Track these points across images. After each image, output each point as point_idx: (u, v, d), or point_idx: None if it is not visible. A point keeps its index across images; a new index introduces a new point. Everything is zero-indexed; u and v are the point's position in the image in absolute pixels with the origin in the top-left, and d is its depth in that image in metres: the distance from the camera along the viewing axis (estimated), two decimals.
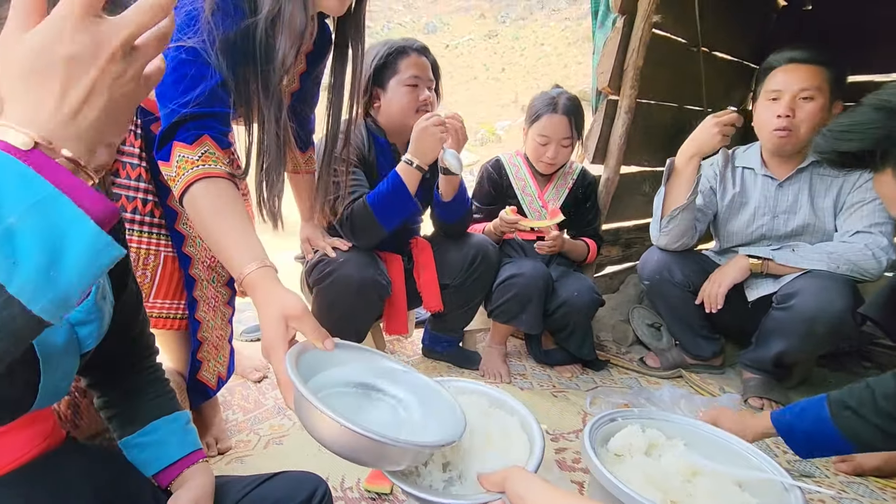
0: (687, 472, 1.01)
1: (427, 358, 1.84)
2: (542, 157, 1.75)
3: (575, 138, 1.76)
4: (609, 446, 1.08)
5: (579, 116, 1.77)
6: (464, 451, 0.70)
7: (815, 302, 1.42)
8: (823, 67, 1.52)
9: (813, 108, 1.52)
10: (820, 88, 1.51)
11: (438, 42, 20.96)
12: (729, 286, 1.59)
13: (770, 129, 1.57)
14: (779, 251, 1.58)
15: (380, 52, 1.48)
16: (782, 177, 1.65)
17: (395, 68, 1.47)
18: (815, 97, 1.51)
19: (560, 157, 1.75)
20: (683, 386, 1.76)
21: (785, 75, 1.54)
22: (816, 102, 1.51)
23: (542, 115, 1.72)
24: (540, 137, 1.73)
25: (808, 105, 1.52)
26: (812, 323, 1.43)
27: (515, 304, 1.64)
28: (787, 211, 1.65)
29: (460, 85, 17.08)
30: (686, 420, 1.15)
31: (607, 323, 2.21)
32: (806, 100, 1.52)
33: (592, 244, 1.88)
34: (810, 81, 1.51)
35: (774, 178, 1.66)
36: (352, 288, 1.33)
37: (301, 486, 0.80)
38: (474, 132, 13.35)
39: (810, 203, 1.62)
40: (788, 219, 1.65)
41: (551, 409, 1.54)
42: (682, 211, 1.60)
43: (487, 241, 1.65)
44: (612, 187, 2.17)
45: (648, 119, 2.21)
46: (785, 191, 1.65)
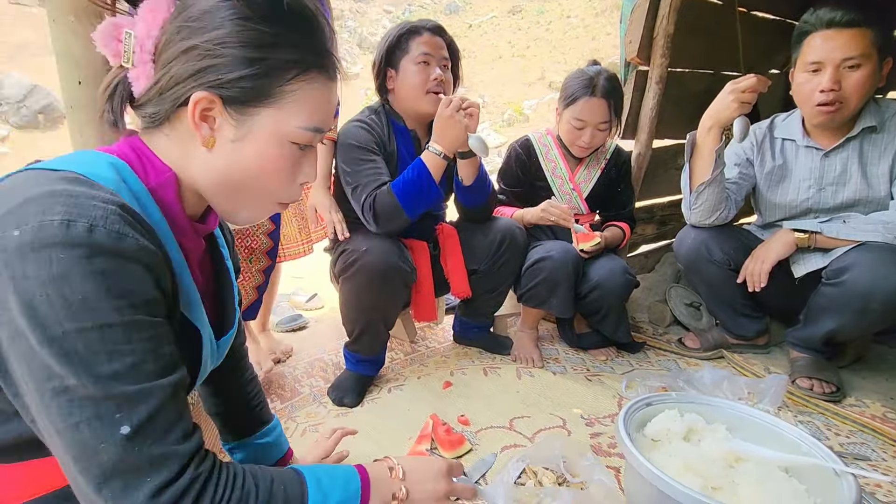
0: (729, 458, 0.98)
1: (458, 344, 1.84)
2: (577, 141, 1.68)
3: (613, 121, 1.68)
4: (646, 431, 1.05)
5: (618, 98, 1.67)
6: None
7: (869, 276, 1.32)
8: (867, 29, 1.36)
9: (861, 77, 1.38)
10: (866, 54, 1.36)
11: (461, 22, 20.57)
12: (773, 263, 1.50)
13: (813, 104, 1.45)
14: (828, 223, 1.48)
15: (392, 33, 1.46)
16: (828, 146, 1.52)
17: (406, 48, 1.44)
18: (863, 64, 1.37)
19: (596, 140, 1.67)
20: (725, 367, 1.69)
21: (825, 43, 1.39)
22: (864, 69, 1.37)
23: (578, 99, 1.62)
24: (576, 121, 1.64)
25: (854, 74, 1.38)
26: (867, 299, 1.34)
27: (544, 289, 1.60)
28: (834, 182, 1.53)
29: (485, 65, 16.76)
30: (728, 403, 1.11)
31: (643, 304, 2.14)
32: (852, 69, 1.38)
33: (626, 228, 1.81)
34: (855, 48, 1.36)
35: (819, 149, 1.54)
36: (376, 276, 1.34)
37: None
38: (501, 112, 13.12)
39: (861, 172, 1.49)
40: (837, 191, 1.53)
41: (586, 393, 1.51)
42: (707, 186, 1.51)
43: (514, 225, 1.62)
44: (644, 163, 2.09)
45: (681, 89, 2.10)
46: (832, 161, 1.53)
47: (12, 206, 0.45)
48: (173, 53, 0.54)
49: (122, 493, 0.45)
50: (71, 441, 0.44)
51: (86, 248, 0.45)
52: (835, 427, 1.37)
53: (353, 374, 1.50)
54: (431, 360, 1.73)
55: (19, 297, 0.44)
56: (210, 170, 0.58)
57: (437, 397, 1.47)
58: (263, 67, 0.55)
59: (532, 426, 1.34)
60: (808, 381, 1.52)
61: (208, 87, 0.54)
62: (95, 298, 0.44)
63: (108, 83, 0.58)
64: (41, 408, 0.45)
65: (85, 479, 0.45)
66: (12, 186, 0.48)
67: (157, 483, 0.46)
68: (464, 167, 1.48)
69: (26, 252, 0.43)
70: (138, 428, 0.45)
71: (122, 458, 0.45)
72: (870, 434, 1.33)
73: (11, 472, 0.53)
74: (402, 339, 1.87)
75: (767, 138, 1.64)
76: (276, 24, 0.55)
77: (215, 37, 0.53)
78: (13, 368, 0.46)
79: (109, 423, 0.44)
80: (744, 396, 1.40)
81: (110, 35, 0.56)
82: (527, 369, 1.65)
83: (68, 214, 0.45)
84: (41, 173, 0.49)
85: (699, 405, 1.10)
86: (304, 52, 0.57)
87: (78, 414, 0.44)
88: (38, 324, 0.44)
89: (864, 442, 1.30)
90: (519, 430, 1.32)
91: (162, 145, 0.58)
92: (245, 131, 0.57)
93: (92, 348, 0.44)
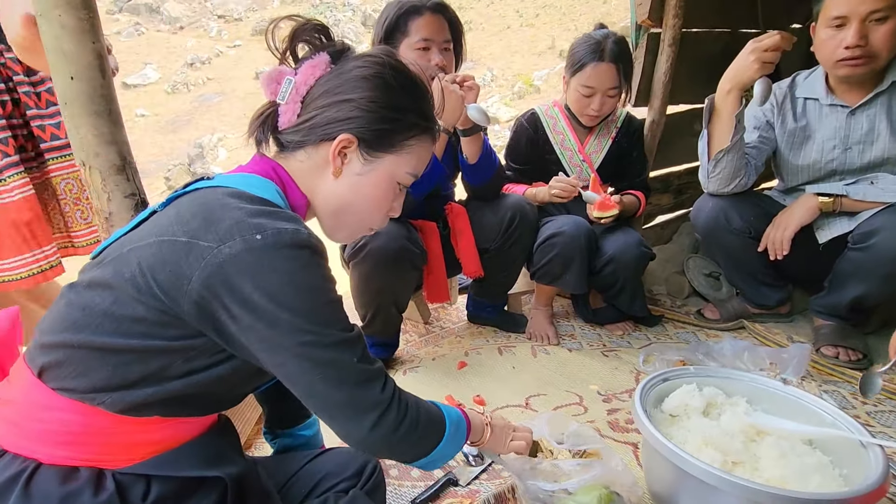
0: (750, 432, 0.95)
1: (472, 324, 1.84)
2: (585, 109, 1.62)
3: (623, 87, 1.62)
4: (664, 407, 1.03)
5: (627, 63, 1.61)
6: None
7: None
8: None
9: (889, 29, 1.29)
10: (894, 5, 1.27)
11: None
12: (796, 229, 1.44)
13: (836, 60, 1.37)
14: (854, 185, 1.41)
15: (390, 13, 1.40)
16: (854, 103, 1.44)
17: (405, 30, 1.39)
18: (891, 16, 1.28)
19: (606, 108, 1.62)
20: (746, 337, 1.65)
21: None
22: (893, 21, 1.28)
23: (586, 65, 1.56)
24: (584, 88, 1.59)
25: (882, 27, 1.30)
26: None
27: (557, 265, 1.58)
28: (861, 141, 1.45)
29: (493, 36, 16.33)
30: (748, 375, 1.08)
31: (660, 276, 2.10)
32: (879, 21, 1.29)
33: (642, 197, 1.75)
34: (881, 0, 1.27)
35: (845, 106, 1.45)
36: (385, 259, 1.33)
37: (353, 460, 0.85)
38: (511, 85, 12.83)
39: (891, 129, 1.41)
40: (864, 150, 1.45)
41: (602, 368, 1.50)
42: (726, 153, 1.44)
43: (524, 201, 1.58)
44: (659, 130, 2.01)
45: (697, 50, 2.00)
46: (858, 119, 1.44)
47: (240, 218, 0.60)
48: (330, 101, 0.71)
49: (365, 393, 0.65)
50: (325, 371, 0.63)
51: (310, 248, 0.62)
52: (860, 396, 1.33)
53: None
54: (446, 340, 1.73)
55: (264, 288, 0.59)
56: (331, 193, 0.74)
57: (452, 378, 1.48)
58: (396, 125, 0.73)
59: (548, 404, 1.33)
60: (833, 350, 1.48)
61: (352, 131, 0.70)
62: (322, 282, 0.63)
63: (261, 113, 0.74)
64: (289, 356, 0.62)
65: (336, 391, 0.64)
66: (217, 202, 0.62)
67: (381, 384, 0.67)
68: (468, 144, 1.44)
69: (271, 250, 0.59)
70: (360, 356, 0.65)
71: (360, 373, 0.65)
72: None
73: (141, 430, 0.64)
74: (415, 321, 1.87)
75: (788, 98, 1.56)
76: (409, 96, 0.74)
77: (367, 96, 0.70)
78: (253, 333, 0.61)
79: (348, 355, 0.64)
80: (766, 367, 1.37)
81: (273, 79, 0.73)
82: (542, 347, 1.64)
83: (293, 224, 0.62)
84: (237, 193, 0.64)
85: (718, 378, 1.07)
86: (423, 118, 0.76)
87: (329, 353, 0.63)
88: (285, 303, 0.59)
89: (893, 410, 1.26)
90: (535, 409, 1.32)
91: (296, 168, 0.74)
92: (369, 169, 0.73)
93: (328, 314, 0.63)
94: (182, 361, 0.62)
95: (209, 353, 0.64)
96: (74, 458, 0.60)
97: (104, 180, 0.88)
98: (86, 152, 0.86)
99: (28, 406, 0.61)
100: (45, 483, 0.58)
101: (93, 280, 0.63)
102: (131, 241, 0.63)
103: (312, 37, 0.74)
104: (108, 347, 0.60)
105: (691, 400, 1.01)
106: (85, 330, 0.60)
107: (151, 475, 0.63)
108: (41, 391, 0.61)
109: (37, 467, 0.59)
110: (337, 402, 0.64)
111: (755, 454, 0.91)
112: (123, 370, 0.60)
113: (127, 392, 0.61)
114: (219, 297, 0.59)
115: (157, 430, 0.64)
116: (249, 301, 0.59)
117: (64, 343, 0.61)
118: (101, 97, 0.86)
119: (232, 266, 0.58)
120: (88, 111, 0.84)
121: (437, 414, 0.76)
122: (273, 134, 0.74)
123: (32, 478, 0.58)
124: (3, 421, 0.61)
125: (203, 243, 0.59)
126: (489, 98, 12.01)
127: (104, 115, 0.86)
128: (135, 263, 0.60)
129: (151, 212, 0.68)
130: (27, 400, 0.61)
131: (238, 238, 0.59)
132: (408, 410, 0.69)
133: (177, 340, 0.61)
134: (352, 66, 0.72)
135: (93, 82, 0.84)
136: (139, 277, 0.59)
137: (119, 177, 0.89)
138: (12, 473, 0.58)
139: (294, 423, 0.94)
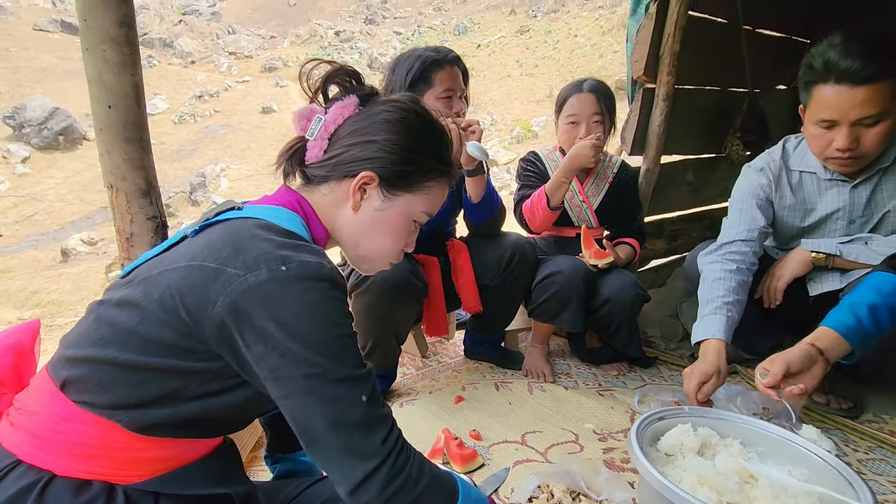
0: (745, 473, 0.97)
1: (469, 359, 1.85)
2: (573, 139, 1.71)
3: (606, 117, 1.71)
4: (659, 446, 1.05)
5: (608, 98, 1.73)
6: None
7: None
8: (884, 83, 1.17)
9: (881, 131, 1.23)
10: (887, 109, 1.20)
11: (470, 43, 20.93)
12: (789, 280, 1.46)
13: (826, 157, 1.33)
14: (847, 245, 1.41)
15: (414, 65, 1.48)
16: (855, 178, 1.40)
17: (430, 81, 1.48)
18: (883, 119, 1.21)
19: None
20: (739, 382, 1.68)
21: (838, 100, 1.21)
22: (884, 124, 1.22)
23: (568, 97, 1.72)
24: (569, 118, 1.71)
25: (873, 129, 1.23)
26: None
27: (555, 303, 1.61)
28: (865, 215, 1.42)
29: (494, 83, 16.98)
30: (741, 417, 1.10)
31: (655, 318, 2.14)
32: (870, 126, 1.23)
33: (636, 245, 1.82)
34: (871, 107, 1.19)
35: (846, 181, 1.41)
36: (387, 290, 1.36)
37: None
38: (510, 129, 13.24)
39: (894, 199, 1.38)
40: (867, 222, 1.43)
41: (598, 407, 1.51)
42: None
43: (524, 240, 1.64)
44: (653, 178, 2.10)
45: (689, 105, 2.12)
46: (860, 193, 1.40)
47: (268, 249, 0.63)
48: (356, 140, 0.75)
49: (365, 440, 0.63)
50: (329, 408, 0.62)
51: (330, 282, 0.64)
52: (853, 443, 1.35)
53: None
54: (443, 374, 1.73)
55: (282, 318, 0.60)
56: (351, 226, 0.78)
57: (448, 412, 1.48)
58: (416, 168, 0.77)
59: (544, 441, 1.34)
60: (824, 397, 1.50)
61: (374, 169, 0.75)
62: (338, 316, 0.64)
63: (290, 147, 0.79)
64: (294, 388, 0.61)
65: (335, 434, 0.62)
66: (247, 232, 0.65)
67: (384, 433, 0.65)
68: (472, 184, 1.51)
69: (293, 282, 0.61)
70: (369, 396, 0.64)
71: (365, 415, 0.63)
72: (889, 450, 1.31)
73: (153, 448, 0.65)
74: (413, 354, 1.88)
75: (784, 171, 1.51)
76: (430, 141, 0.79)
77: (391, 139, 0.75)
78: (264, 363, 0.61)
79: (356, 393, 0.63)
80: (759, 412, 1.39)
81: (304, 116, 0.78)
82: (538, 384, 1.65)
83: (317, 257, 0.64)
84: (266, 224, 0.68)
85: (713, 419, 1.09)
86: (442, 163, 0.80)
87: (334, 389, 0.62)
88: (300, 334, 0.61)
89: (884, 458, 1.28)
90: (531, 445, 1.32)
91: (318, 201, 0.78)
92: (388, 205, 0.77)
93: (340, 349, 0.63)
94: (199, 384, 0.64)
95: (225, 377, 0.65)
96: (88, 471, 0.61)
97: (129, 203, 0.92)
98: (115, 175, 0.91)
99: (47, 417, 0.62)
100: (59, 494, 0.59)
101: (122, 299, 0.65)
102: (163, 262, 0.66)
103: (344, 80, 0.79)
104: (131, 364, 0.62)
105: (687, 439, 1.02)
106: (111, 346, 0.62)
107: (160, 492, 0.64)
108: (62, 403, 0.62)
109: (51, 479, 0.60)
110: (334, 445, 0.62)
111: (749, 495, 0.92)
112: (143, 388, 0.62)
113: (144, 411, 0.62)
114: (238, 323, 0.61)
115: (167, 448, 0.66)
116: (264, 330, 0.60)
117: (89, 358, 0.63)
118: (133, 125, 0.91)
119: (255, 294, 0.60)
120: (122, 137, 0.89)
121: (448, 483, 0.71)
122: (300, 167, 0.79)
123: (46, 489, 0.59)
124: (22, 431, 0.62)
125: (231, 270, 0.61)
126: (489, 141, 12.37)
127: (135, 142, 0.92)
128: (164, 285, 0.62)
129: (182, 236, 0.71)
130: (47, 411, 0.62)
131: (264, 268, 0.61)
132: (407, 466, 0.65)
133: (197, 362, 0.63)
134: (379, 110, 0.77)
135: (128, 111, 0.90)
136: (168, 299, 0.62)
137: (143, 200, 0.94)
138: (27, 483, 0.58)
139: (296, 449, 0.94)
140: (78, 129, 13.51)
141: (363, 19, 26.51)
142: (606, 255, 1.64)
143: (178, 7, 27.00)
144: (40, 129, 13.09)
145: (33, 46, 17.63)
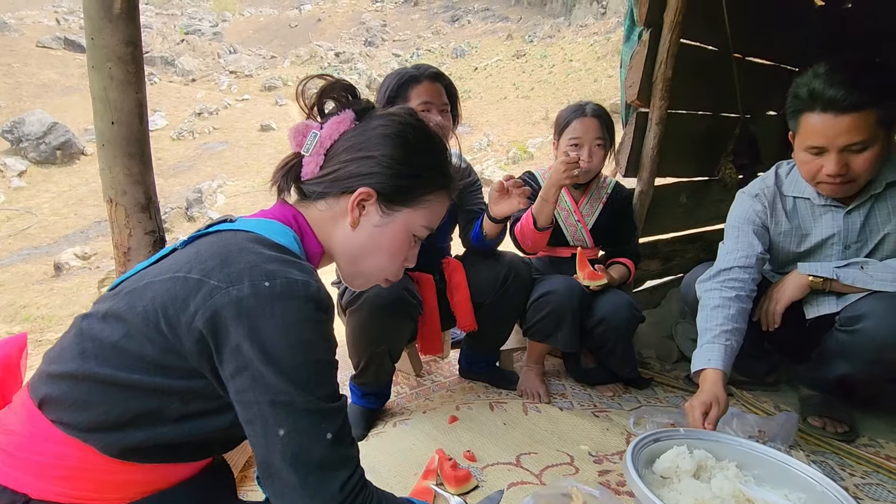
0: (741, 497, 0.96)
1: (464, 379, 1.84)
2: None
3: (607, 141, 1.74)
4: (654, 468, 1.04)
5: (609, 122, 1.75)
6: None
7: (885, 326, 1.27)
8: (868, 111, 1.19)
9: (869, 157, 1.25)
10: (873, 136, 1.22)
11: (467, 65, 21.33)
12: (787, 304, 1.45)
13: (818, 182, 1.35)
14: (845, 269, 1.40)
15: (391, 82, 1.50)
16: (849, 203, 1.41)
17: (406, 97, 1.48)
18: (870, 145, 1.23)
19: (595, 159, 1.72)
20: (735, 404, 1.67)
21: (825, 128, 1.23)
22: (872, 149, 1.24)
23: (571, 121, 1.72)
24: (572, 141, 1.71)
25: (861, 156, 1.25)
26: (881, 350, 1.28)
27: (550, 322, 1.61)
28: (860, 240, 1.44)
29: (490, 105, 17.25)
30: (737, 440, 1.10)
31: (650, 339, 2.14)
32: (858, 152, 1.25)
33: (631, 265, 1.83)
34: (857, 134, 1.21)
35: (839, 206, 1.43)
36: (382, 308, 1.36)
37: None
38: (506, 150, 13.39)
39: (889, 228, 1.40)
40: (862, 248, 1.44)
41: (593, 429, 1.49)
42: None
43: (520, 259, 1.65)
44: (647, 200, 2.13)
45: (682, 129, 2.17)
46: (854, 218, 1.42)
47: (254, 262, 0.60)
48: (353, 156, 0.74)
49: (322, 483, 0.59)
50: (291, 440, 0.58)
51: (315, 302, 0.61)
52: (849, 467, 1.34)
53: (358, 408, 1.50)
54: (437, 394, 1.72)
55: (257, 336, 0.57)
56: (348, 242, 0.77)
57: (442, 432, 1.46)
58: (415, 182, 0.76)
59: (539, 462, 1.32)
60: (820, 420, 1.50)
61: (372, 185, 0.73)
62: (317, 340, 0.61)
63: (285, 163, 0.78)
64: (258, 414, 0.58)
65: (292, 473, 0.58)
66: (236, 245, 0.63)
67: (345, 476, 0.61)
68: (492, 227, 1.54)
69: (276, 299, 0.58)
70: (336, 433, 0.60)
71: (329, 454, 0.59)
72: (885, 475, 1.30)
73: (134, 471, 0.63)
74: (407, 373, 1.87)
75: (778, 197, 1.52)
76: (428, 154, 0.77)
77: (389, 154, 0.73)
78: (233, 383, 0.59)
79: (322, 428, 0.60)
80: (754, 434, 1.38)
81: (300, 131, 0.76)
82: (533, 404, 1.64)
83: (305, 275, 0.61)
84: (257, 238, 0.65)
85: (708, 441, 1.09)
86: (441, 176, 0.79)
87: (298, 421, 0.58)
88: (273, 356, 0.57)
89: (881, 483, 1.27)
90: (526, 467, 1.30)
91: (315, 217, 0.76)
92: (387, 221, 0.76)
93: (313, 376, 0.60)
94: (179, 404, 0.62)
95: (205, 398, 0.63)
96: (66, 493, 0.59)
97: (128, 217, 0.93)
98: (115, 190, 0.92)
99: (26, 437, 0.60)
100: None
101: (108, 311, 0.63)
102: (149, 275, 0.64)
103: (340, 94, 0.78)
104: (110, 381, 0.60)
105: (682, 462, 1.02)
106: (91, 360, 0.61)
107: None
108: (40, 423, 0.60)
109: (25, 502, 0.57)
110: (290, 483, 0.58)
111: None
112: (121, 407, 0.60)
113: (121, 434, 0.60)
114: (215, 337, 0.58)
115: (148, 471, 0.64)
116: (238, 347, 0.58)
117: (69, 374, 0.61)
118: (136, 140, 0.93)
119: (234, 308, 0.58)
120: (124, 153, 0.91)
121: None
122: (296, 183, 0.78)
123: None
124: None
125: (213, 282, 0.59)
126: (485, 161, 12.49)
127: (137, 157, 0.93)
128: (149, 297, 0.61)
129: (172, 249, 0.69)
130: (25, 431, 0.60)
131: (247, 282, 0.59)
132: None
133: (177, 380, 0.61)
134: (376, 124, 0.75)
135: (131, 127, 0.92)
136: (150, 312, 0.60)
137: (142, 214, 0.94)
138: None
139: None
140: (76, 144, 13.54)
141: (363, 41, 27.00)
142: (600, 276, 1.65)
143: (181, 27, 27.43)
144: (38, 144, 13.10)
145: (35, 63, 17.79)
